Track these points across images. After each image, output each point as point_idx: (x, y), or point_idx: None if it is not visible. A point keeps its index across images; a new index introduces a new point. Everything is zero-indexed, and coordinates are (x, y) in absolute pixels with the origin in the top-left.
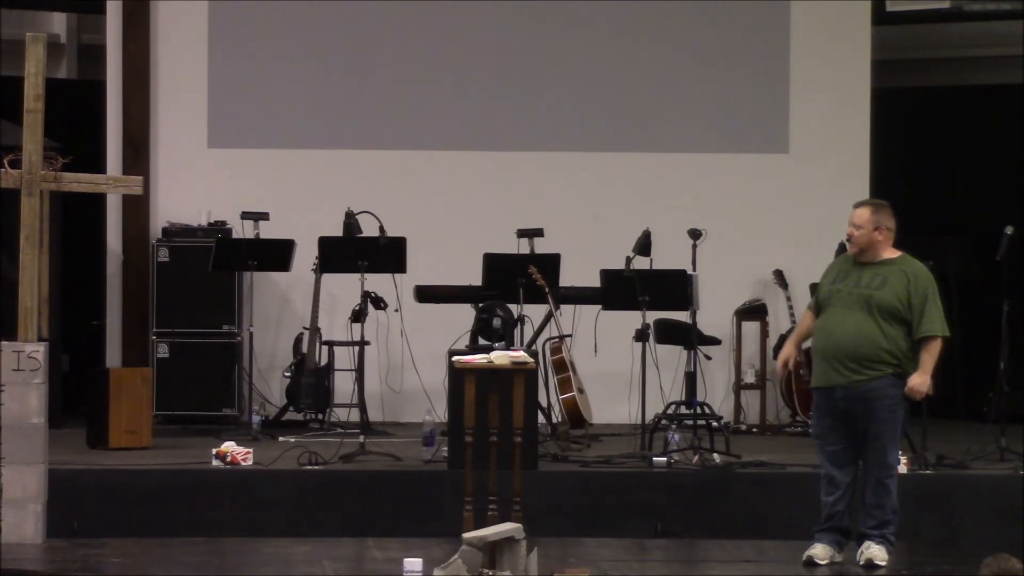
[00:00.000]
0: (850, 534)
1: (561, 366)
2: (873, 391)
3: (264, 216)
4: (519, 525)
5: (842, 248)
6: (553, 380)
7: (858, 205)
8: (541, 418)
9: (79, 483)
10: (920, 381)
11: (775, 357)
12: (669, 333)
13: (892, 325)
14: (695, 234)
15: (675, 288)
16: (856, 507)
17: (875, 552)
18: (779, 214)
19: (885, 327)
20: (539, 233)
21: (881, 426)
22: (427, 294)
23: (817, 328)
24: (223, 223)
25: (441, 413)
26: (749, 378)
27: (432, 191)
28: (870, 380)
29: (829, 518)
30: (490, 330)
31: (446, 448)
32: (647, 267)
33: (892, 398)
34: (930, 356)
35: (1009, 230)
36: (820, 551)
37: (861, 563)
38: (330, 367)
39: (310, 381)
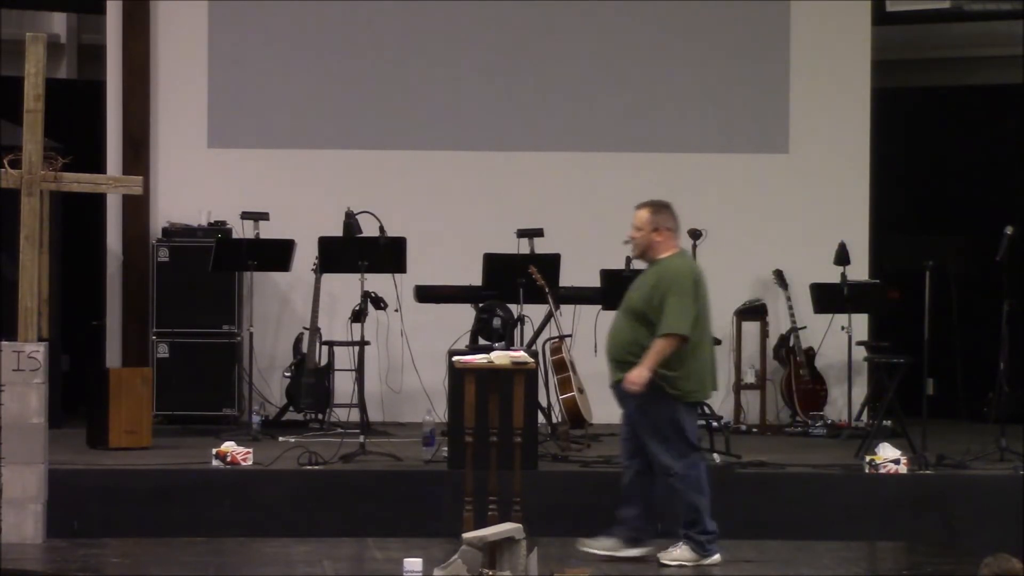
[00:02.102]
0: (632, 527)
1: (561, 366)
2: (623, 391)
3: (264, 216)
4: (519, 525)
5: (842, 248)
6: (553, 380)
7: (639, 207)
8: (541, 418)
9: (79, 483)
10: (636, 374)
11: (775, 357)
12: None
13: (640, 326)
14: (695, 234)
15: None
16: (645, 501)
17: (672, 552)
18: (779, 214)
19: (635, 328)
20: (539, 233)
21: (641, 428)
22: (427, 294)
23: None
24: (223, 223)
25: (441, 413)
26: (749, 378)
27: (432, 191)
28: (621, 380)
29: (618, 509)
30: (490, 330)
31: (446, 448)
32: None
33: (642, 398)
34: (655, 351)
35: (1009, 230)
36: (602, 543)
37: (662, 560)
38: (330, 367)
39: (310, 381)
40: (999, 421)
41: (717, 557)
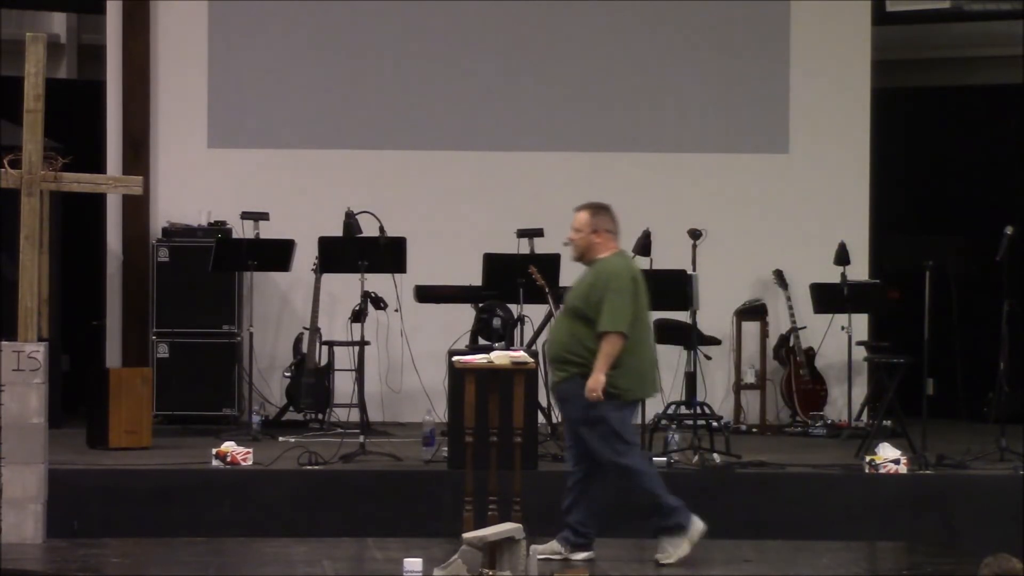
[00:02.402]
0: (578, 532)
1: None
2: (563, 392)
3: (264, 216)
4: (519, 525)
5: (842, 248)
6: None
7: (578, 209)
8: (541, 418)
9: (79, 483)
10: (593, 380)
11: (775, 357)
12: (669, 333)
13: (579, 325)
14: (695, 234)
15: (675, 288)
16: (591, 505)
17: (666, 550)
18: (779, 214)
19: (574, 328)
20: (539, 233)
21: (583, 428)
22: (427, 294)
23: None
24: (223, 223)
25: (441, 413)
26: (749, 378)
27: (432, 191)
28: (561, 381)
29: (563, 513)
30: (490, 330)
31: (446, 448)
32: (647, 267)
33: (581, 398)
34: (603, 354)
35: (1009, 230)
36: (548, 546)
37: (661, 561)
38: (330, 367)
39: (310, 381)
40: (999, 421)
41: (700, 525)
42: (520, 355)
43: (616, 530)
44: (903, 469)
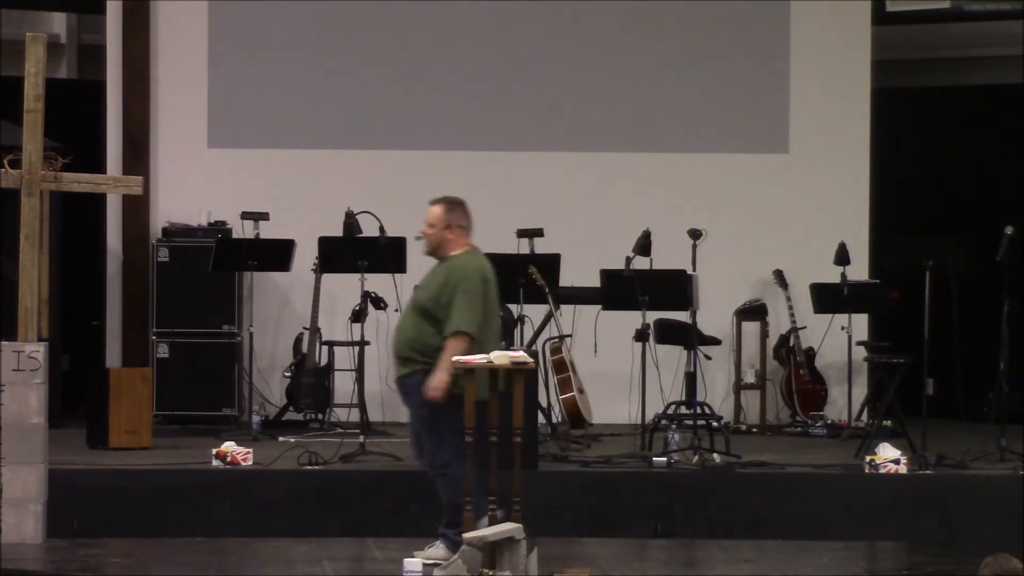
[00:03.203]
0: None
1: (561, 366)
2: (406, 387)
3: (264, 216)
4: (519, 525)
5: (842, 248)
6: (553, 380)
7: (433, 203)
8: (541, 418)
9: (79, 483)
10: (435, 379)
11: (775, 357)
12: (669, 333)
13: (426, 322)
14: (695, 234)
15: (675, 288)
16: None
17: (427, 551)
18: (779, 214)
19: (420, 324)
20: (539, 233)
21: (422, 423)
22: None
23: None
24: (223, 223)
25: None
26: (749, 378)
27: (432, 191)
28: (404, 376)
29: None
30: None
31: None
32: (647, 267)
33: (422, 395)
34: (448, 354)
35: (1009, 230)
36: (434, 551)
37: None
38: (330, 367)
39: (310, 381)
40: (999, 421)
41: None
42: (520, 355)
43: (616, 530)
44: (903, 469)
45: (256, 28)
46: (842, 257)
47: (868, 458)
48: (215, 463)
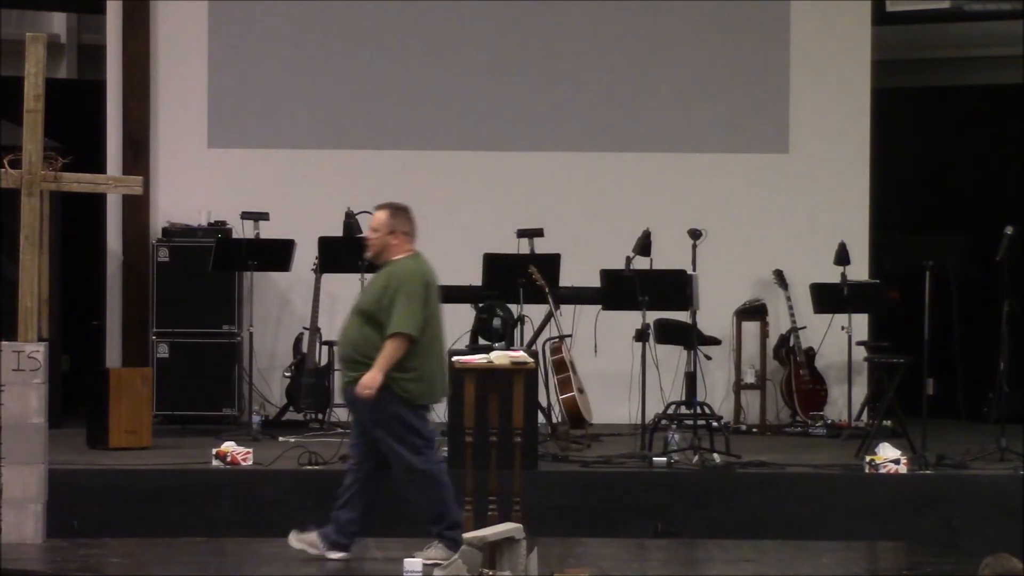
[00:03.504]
0: (343, 531)
1: (561, 366)
2: (353, 393)
3: (264, 216)
4: (519, 525)
5: (842, 248)
6: (553, 380)
7: (378, 208)
8: (541, 418)
9: (79, 483)
10: (368, 378)
11: (775, 357)
12: (669, 333)
13: (370, 326)
14: (695, 234)
15: (675, 288)
16: (364, 508)
17: (428, 552)
18: (779, 214)
19: (364, 329)
20: (539, 233)
21: (374, 429)
22: None
23: None
24: (223, 223)
25: (441, 413)
26: (749, 378)
27: (432, 191)
28: (351, 382)
29: (335, 509)
30: (490, 330)
31: (446, 448)
32: (647, 267)
33: (370, 398)
34: (385, 354)
35: (1009, 230)
36: (308, 537)
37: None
38: (330, 367)
39: (310, 381)
40: (999, 421)
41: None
42: (520, 355)
43: (616, 530)
44: (903, 469)
45: (256, 28)
46: (842, 257)
47: (868, 458)
48: (215, 463)
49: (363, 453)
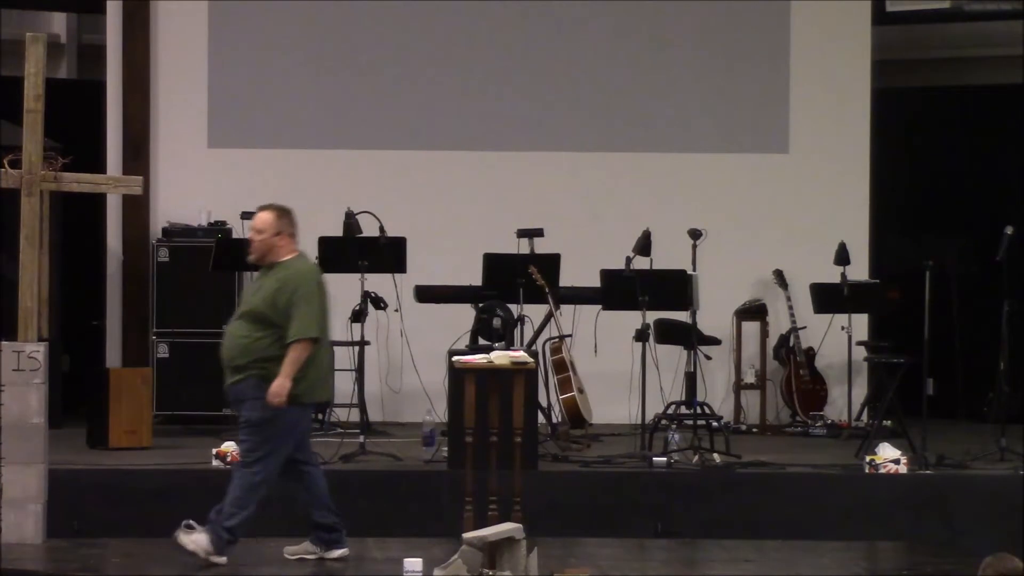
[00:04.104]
0: (326, 527)
1: (561, 366)
2: (240, 392)
3: None
4: (519, 525)
5: (842, 248)
6: (553, 380)
7: (261, 209)
8: (541, 418)
9: (79, 483)
10: (278, 385)
11: (775, 357)
12: (669, 333)
13: (260, 329)
14: (695, 234)
15: (675, 288)
16: (321, 497)
17: (193, 536)
18: (779, 214)
19: (253, 332)
20: (539, 233)
21: (243, 426)
22: (427, 294)
23: None
24: (223, 223)
25: (441, 413)
26: (749, 378)
27: (432, 191)
28: (238, 383)
29: (309, 515)
30: (490, 330)
31: (446, 448)
32: (647, 267)
33: (255, 400)
34: (291, 360)
35: (1009, 230)
36: (302, 547)
37: (178, 539)
38: (330, 367)
39: None
40: (999, 421)
41: (224, 559)
42: (520, 355)
43: (616, 530)
44: (903, 469)
45: (256, 28)
46: (842, 257)
47: (868, 458)
48: (215, 463)
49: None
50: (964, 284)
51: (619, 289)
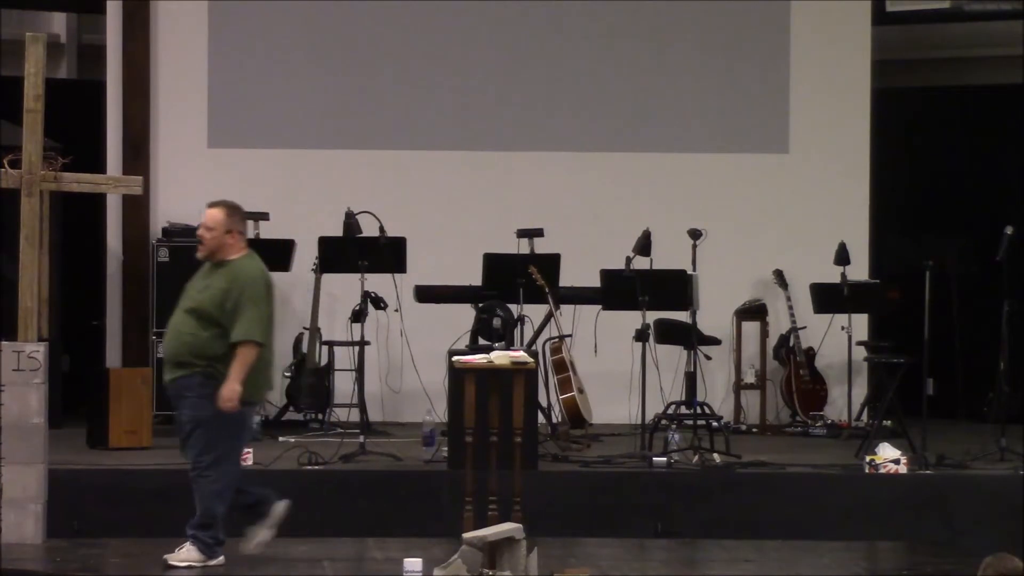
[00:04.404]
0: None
1: (561, 366)
2: (183, 388)
3: (264, 216)
4: (519, 525)
5: (842, 248)
6: (553, 380)
7: (211, 205)
8: (541, 418)
9: (79, 483)
10: (228, 389)
11: (775, 357)
12: (669, 333)
13: (207, 327)
14: (695, 234)
15: (675, 288)
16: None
17: (179, 553)
18: (779, 214)
19: (200, 329)
20: (539, 233)
21: (189, 424)
22: (427, 294)
23: None
24: None
25: (441, 413)
26: (749, 378)
27: (432, 191)
28: (182, 378)
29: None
30: (490, 330)
31: (446, 448)
32: (647, 267)
33: (198, 396)
34: (240, 363)
35: (1009, 230)
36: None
37: (170, 562)
38: (330, 367)
39: (310, 381)
40: (999, 421)
41: (221, 559)
42: (520, 355)
43: (616, 530)
44: (903, 469)
45: (256, 28)
46: (842, 257)
47: (868, 458)
48: None
49: None
50: (964, 284)
51: (619, 289)
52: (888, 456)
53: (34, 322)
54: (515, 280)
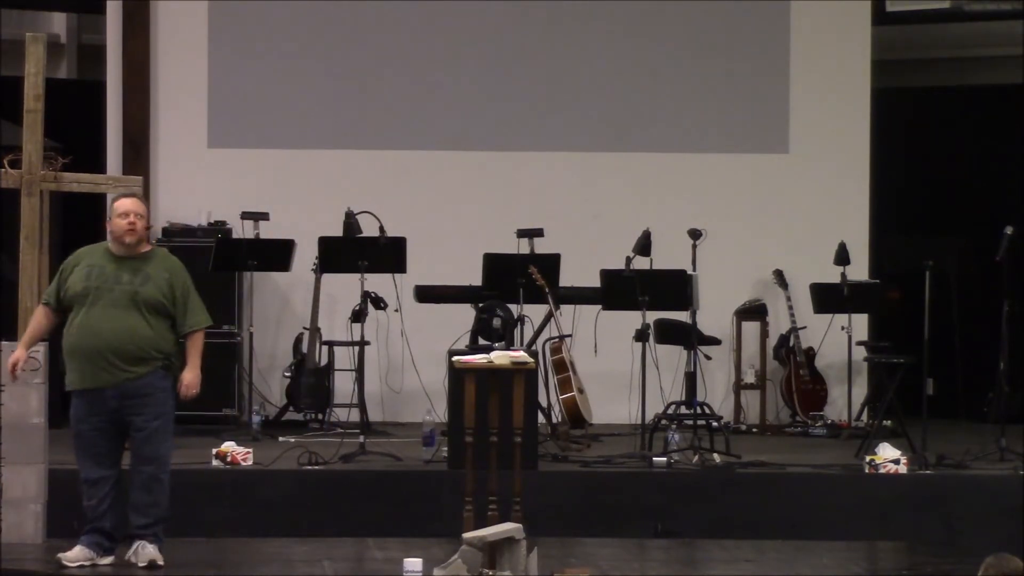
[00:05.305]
0: (114, 536)
1: (561, 366)
2: (144, 387)
3: (264, 216)
4: (519, 525)
5: (843, 248)
6: (553, 380)
7: (126, 196)
8: (541, 418)
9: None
10: (191, 376)
11: (775, 357)
12: (669, 333)
13: (158, 320)
14: (695, 234)
15: (675, 288)
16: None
17: (151, 552)
18: (779, 214)
19: (155, 323)
20: (539, 233)
21: (153, 421)
22: (427, 294)
23: (77, 327)
24: (223, 223)
25: (441, 413)
26: (749, 378)
27: (432, 191)
28: (140, 376)
29: (93, 520)
30: (490, 330)
31: (446, 448)
32: (647, 267)
33: (163, 391)
34: (197, 350)
35: (1009, 230)
36: (76, 553)
37: (142, 564)
38: (330, 367)
39: (310, 381)
40: (999, 421)
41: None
42: (520, 355)
43: (616, 530)
44: (903, 469)
45: (256, 28)
46: (842, 257)
47: (868, 458)
48: (215, 463)
49: (115, 458)
50: (964, 284)
51: (619, 289)
52: (888, 456)
53: None
54: (515, 280)
